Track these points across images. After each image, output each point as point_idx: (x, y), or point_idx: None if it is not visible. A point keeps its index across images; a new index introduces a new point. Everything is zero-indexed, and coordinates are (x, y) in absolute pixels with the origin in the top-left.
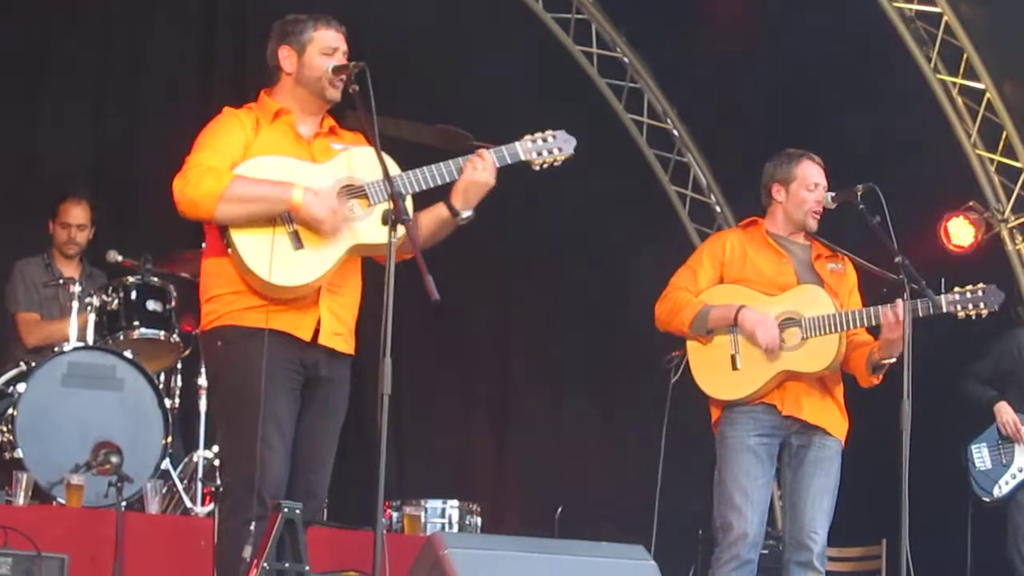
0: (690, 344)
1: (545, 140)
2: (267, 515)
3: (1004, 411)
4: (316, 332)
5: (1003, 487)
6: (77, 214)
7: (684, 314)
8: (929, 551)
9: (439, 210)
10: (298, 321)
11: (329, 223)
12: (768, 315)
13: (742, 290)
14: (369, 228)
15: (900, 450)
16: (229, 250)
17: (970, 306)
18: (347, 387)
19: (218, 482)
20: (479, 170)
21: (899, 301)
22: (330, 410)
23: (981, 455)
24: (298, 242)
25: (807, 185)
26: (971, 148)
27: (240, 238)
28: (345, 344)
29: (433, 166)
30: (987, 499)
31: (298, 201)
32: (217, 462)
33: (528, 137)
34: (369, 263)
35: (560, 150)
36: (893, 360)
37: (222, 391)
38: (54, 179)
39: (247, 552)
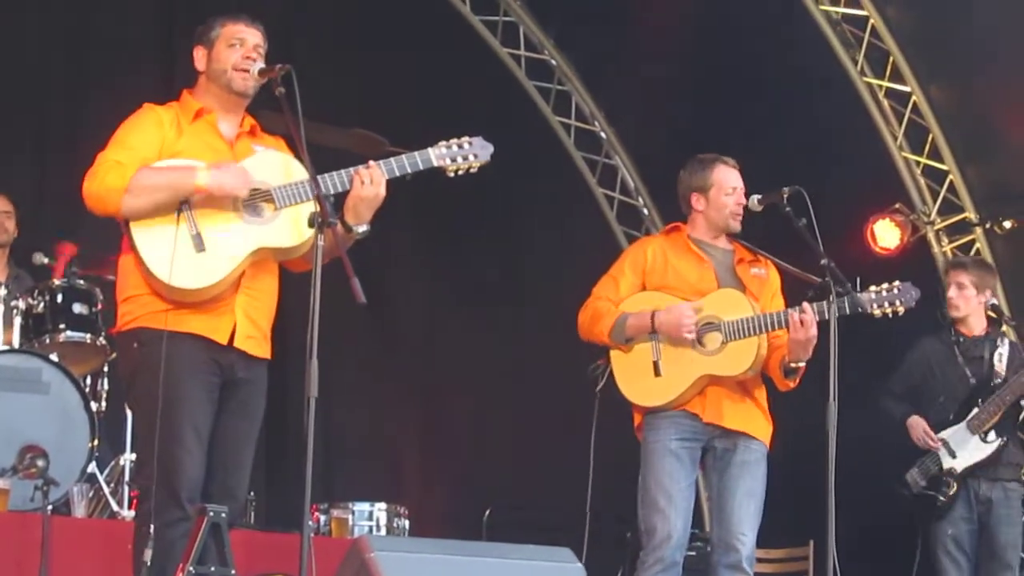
0: (613, 352)
1: (460, 147)
2: (185, 517)
3: (913, 426)
4: (232, 335)
5: (950, 491)
6: (2, 202)
7: (603, 324)
8: (856, 552)
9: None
10: (214, 324)
11: (243, 189)
12: (681, 304)
13: (662, 296)
14: (275, 231)
15: (827, 451)
16: (133, 253)
17: (886, 304)
18: (264, 389)
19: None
20: (365, 185)
21: (805, 304)
22: (248, 412)
23: (912, 478)
24: (200, 245)
25: (725, 190)
26: (897, 151)
27: (142, 241)
28: (259, 348)
29: (327, 175)
30: (939, 502)
31: (203, 183)
32: None
33: (443, 143)
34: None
35: (476, 156)
36: (803, 364)
37: (139, 393)
38: None
39: (147, 556)
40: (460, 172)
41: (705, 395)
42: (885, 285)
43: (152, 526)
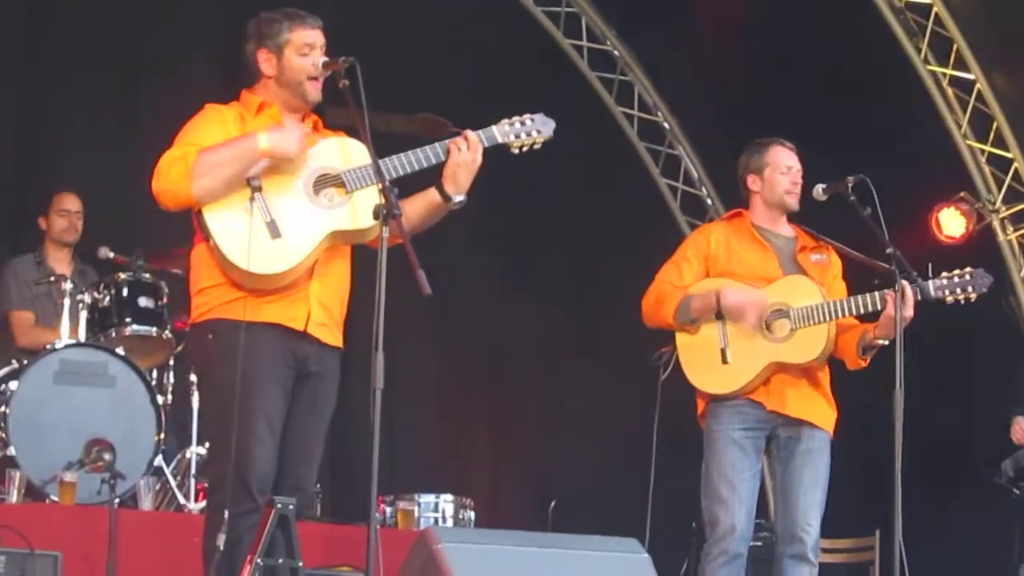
0: (680, 339)
1: (523, 123)
2: (255, 508)
3: (1016, 423)
4: (307, 322)
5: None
6: (74, 201)
7: (667, 306)
8: (922, 541)
9: (431, 195)
10: (291, 312)
11: (300, 143)
12: (750, 288)
13: (727, 283)
14: (347, 215)
15: (893, 440)
16: (209, 243)
17: (958, 291)
18: (336, 382)
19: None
20: (464, 151)
21: (905, 283)
22: (319, 406)
23: (1005, 467)
24: (276, 231)
25: (780, 169)
26: (961, 139)
27: (217, 230)
28: (331, 335)
29: (417, 150)
30: (1015, 494)
31: (266, 146)
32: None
33: (505, 121)
34: (362, 256)
35: (539, 132)
36: (886, 342)
37: (212, 384)
38: (48, 176)
39: (220, 540)
40: (524, 149)
41: (769, 382)
42: (957, 271)
43: (226, 513)
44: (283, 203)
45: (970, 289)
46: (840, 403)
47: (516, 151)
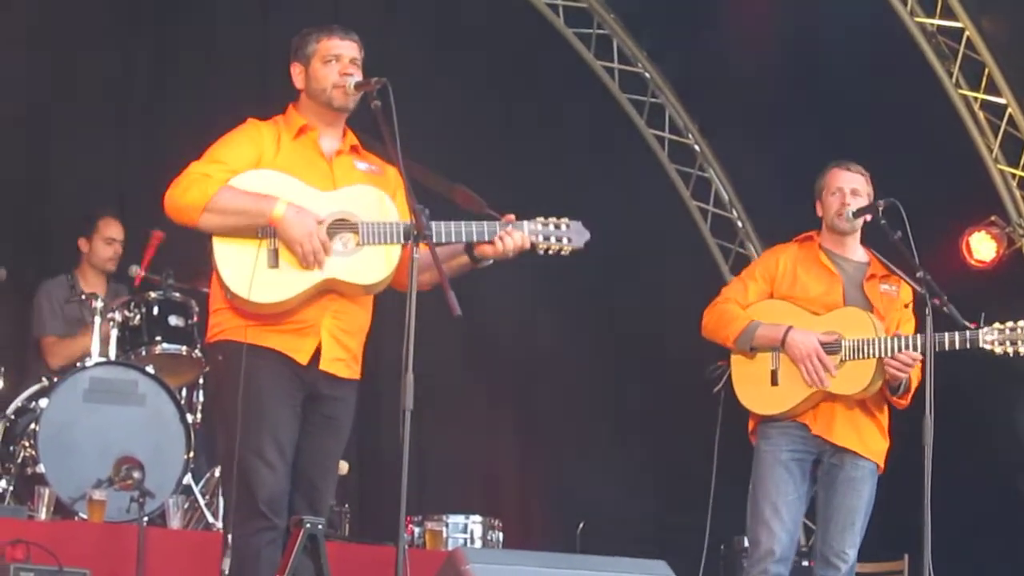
0: (734, 356)
1: (557, 227)
2: (270, 526)
3: None
4: (316, 356)
5: None
6: (118, 229)
7: (732, 328)
8: (951, 567)
9: (460, 258)
10: (297, 344)
11: (305, 245)
12: (817, 346)
13: (788, 307)
14: (350, 266)
15: (923, 465)
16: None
17: (1007, 344)
18: (351, 405)
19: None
20: (504, 248)
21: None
22: (333, 427)
23: None
24: (275, 261)
25: (831, 190)
26: (992, 163)
27: (222, 258)
28: (347, 370)
29: (472, 224)
30: None
31: (278, 216)
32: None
33: (540, 220)
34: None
35: (569, 240)
36: (903, 377)
37: (221, 406)
38: (81, 196)
39: (225, 564)
40: (550, 252)
41: (818, 408)
42: (1010, 324)
43: (230, 536)
44: None
45: (1020, 343)
46: None
47: (540, 252)
